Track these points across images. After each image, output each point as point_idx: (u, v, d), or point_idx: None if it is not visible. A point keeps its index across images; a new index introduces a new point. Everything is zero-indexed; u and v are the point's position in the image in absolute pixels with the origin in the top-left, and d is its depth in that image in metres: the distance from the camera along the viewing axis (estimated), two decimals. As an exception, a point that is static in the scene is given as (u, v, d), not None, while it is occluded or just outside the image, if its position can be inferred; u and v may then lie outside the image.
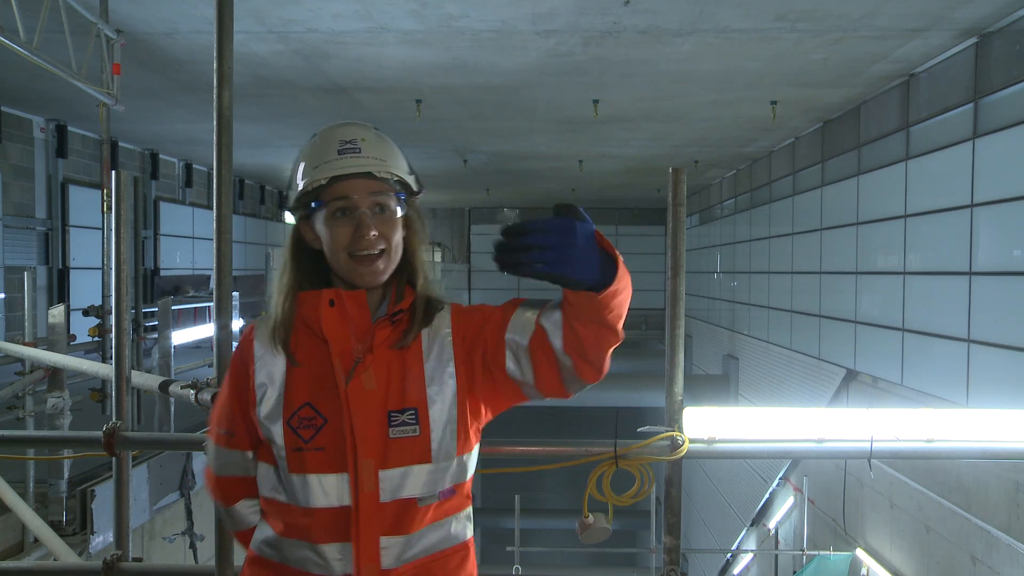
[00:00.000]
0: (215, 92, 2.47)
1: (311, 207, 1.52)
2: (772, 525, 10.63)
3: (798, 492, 9.40)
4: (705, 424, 2.37)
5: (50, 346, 5.63)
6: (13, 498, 4.47)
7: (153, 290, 11.64)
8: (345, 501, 1.48)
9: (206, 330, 8.54)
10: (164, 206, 13.49)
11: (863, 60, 7.45)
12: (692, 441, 2.29)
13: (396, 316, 1.55)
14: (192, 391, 2.64)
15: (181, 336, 8.01)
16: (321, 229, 1.52)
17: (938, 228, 7.36)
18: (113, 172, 2.46)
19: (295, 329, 1.55)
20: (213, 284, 2.52)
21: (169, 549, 5.66)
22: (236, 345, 1.67)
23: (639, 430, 2.33)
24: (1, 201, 9.45)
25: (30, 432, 5.10)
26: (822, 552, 8.28)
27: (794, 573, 8.59)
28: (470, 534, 1.62)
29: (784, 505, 10.38)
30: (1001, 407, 2.68)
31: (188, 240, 14.30)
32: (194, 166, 14.49)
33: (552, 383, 1.50)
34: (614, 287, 1.36)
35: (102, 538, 5.00)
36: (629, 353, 18.42)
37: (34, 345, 5.71)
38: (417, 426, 1.50)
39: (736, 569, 11.69)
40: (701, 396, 13.45)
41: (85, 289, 10.74)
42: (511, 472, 2.65)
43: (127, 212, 2.45)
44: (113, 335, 2.49)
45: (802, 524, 8.72)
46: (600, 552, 13.65)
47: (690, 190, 18.05)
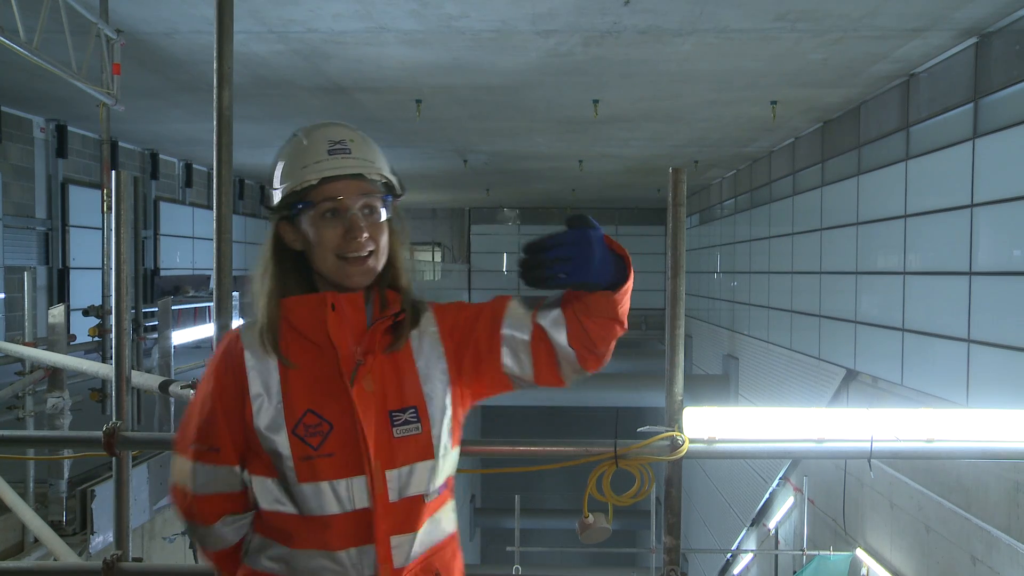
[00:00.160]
0: (215, 92, 2.48)
1: (296, 207, 1.50)
2: (772, 525, 10.62)
3: (798, 492, 9.40)
4: (705, 424, 2.37)
5: (50, 346, 5.64)
6: (13, 498, 4.47)
7: (153, 290, 11.63)
8: (362, 504, 1.47)
9: (206, 330, 8.56)
10: (164, 206, 13.48)
11: (863, 60, 7.45)
12: (692, 441, 2.29)
13: (397, 317, 1.55)
14: (192, 391, 2.64)
15: (181, 336, 8.02)
16: (308, 230, 1.50)
17: (938, 228, 7.36)
18: (113, 172, 2.46)
19: (281, 334, 1.51)
20: (213, 284, 2.52)
21: (169, 549, 5.67)
22: (217, 354, 1.58)
23: (639, 430, 2.33)
24: (1, 201, 9.44)
25: (30, 432, 5.10)
26: (822, 552, 8.27)
27: (794, 573, 8.58)
28: (456, 525, 1.65)
29: (784, 505, 10.38)
30: (1001, 407, 2.68)
31: (188, 240, 14.29)
32: (194, 166, 14.48)
33: (551, 376, 1.56)
34: (627, 285, 1.46)
35: (102, 538, 5.00)
36: (629, 353, 18.44)
37: (34, 345, 5.71)
38: (419, 424, 1.52)
39: (736, 569, 11.68)
40: (701, 396, 13.44)
41: (85, 289, 10.74)
42: (511, 472, 2.65)
43: (127, 212, 2.45)
44: (113, 335, 2.48)
45: (802, 524, 8.72)
46: (600, 552, 13.65)
47: (690, 190, 18.04)
